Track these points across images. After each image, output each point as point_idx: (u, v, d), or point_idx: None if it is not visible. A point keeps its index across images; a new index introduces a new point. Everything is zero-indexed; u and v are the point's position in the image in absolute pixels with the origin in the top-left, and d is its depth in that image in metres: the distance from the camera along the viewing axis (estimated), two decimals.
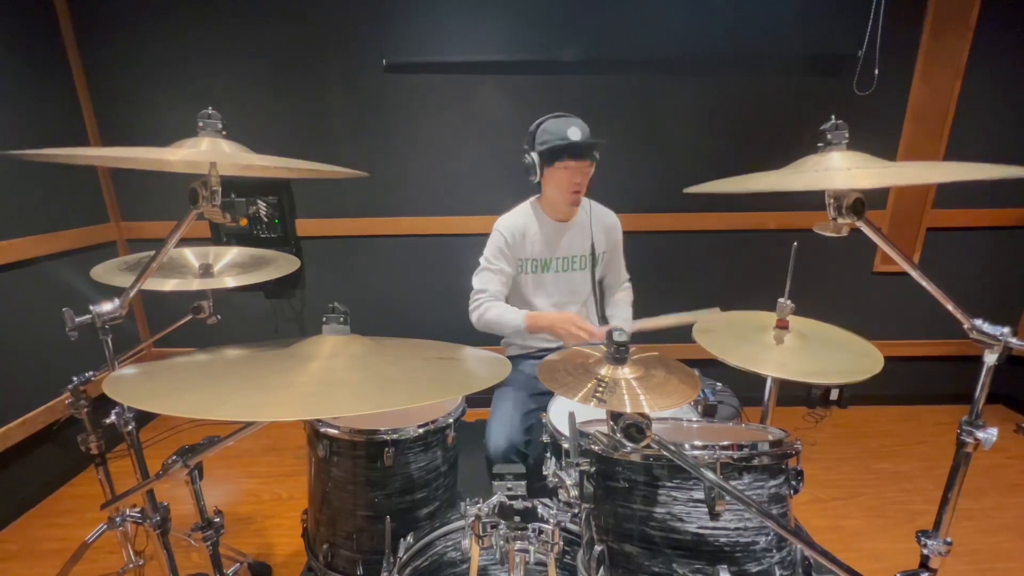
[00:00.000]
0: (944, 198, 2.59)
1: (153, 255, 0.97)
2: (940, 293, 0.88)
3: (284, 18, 2.39)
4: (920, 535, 0.96)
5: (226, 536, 1.05)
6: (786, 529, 0.82)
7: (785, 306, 1.24)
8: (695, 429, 1.26)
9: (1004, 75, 2.43)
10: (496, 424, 1.64)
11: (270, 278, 1.43)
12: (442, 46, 2.42)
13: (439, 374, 0.91)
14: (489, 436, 1.62)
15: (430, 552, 1.18)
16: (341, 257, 2.72)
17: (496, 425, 1.63)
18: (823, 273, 2.61)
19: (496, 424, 1.64)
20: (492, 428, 1.64)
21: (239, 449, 2.49)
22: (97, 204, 2.57)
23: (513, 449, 1.59)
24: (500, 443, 1.58)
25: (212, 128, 0.95)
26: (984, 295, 2.68)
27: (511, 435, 1.60)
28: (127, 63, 2.44)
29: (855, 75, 2.39)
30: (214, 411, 0.66)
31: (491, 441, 1.60)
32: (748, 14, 2.37)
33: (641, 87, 2.48)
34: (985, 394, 0.89)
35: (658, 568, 0.92)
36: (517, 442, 1.61)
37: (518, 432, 1.63)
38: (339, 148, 2.56)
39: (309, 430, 1.38)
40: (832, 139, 0.94)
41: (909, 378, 2.81)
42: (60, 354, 1.79)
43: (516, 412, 1.67)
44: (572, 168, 1.66)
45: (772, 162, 1.03)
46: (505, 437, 1.59)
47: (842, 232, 0.88)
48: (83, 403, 1.31)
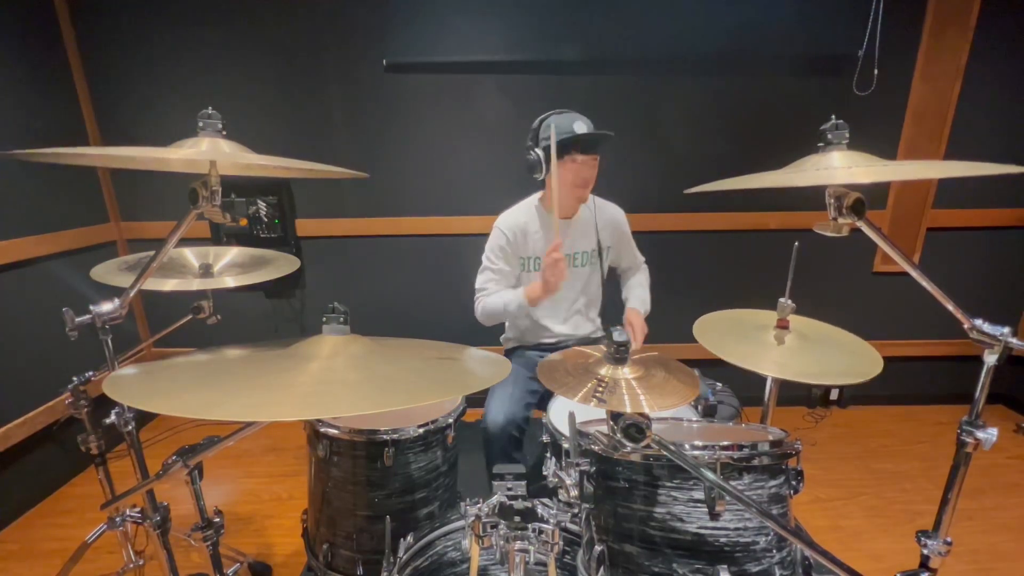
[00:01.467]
0: (944, 198, 2.59)
1: (153, 255, 0.97)
2: (940, 293, 0.88)
3: (284, 18, 2.39)
4: (920, 535, 0.95)
5: (226, 536, 1.05)
6: (786, 529, 0.82)
7: (786, 306, 1.24)
8: (695, 429, 1.26)
9: (1004, 75, 2.43)
10: (495, 400, 1.63)
11: (270, 278, 1.43)
12: (442, 46, 2.42)
13: (439, 374, 0.92)
14: (488, 411, 1.61)
15: (430, 552, 1.18)
16: (341, 257, 2.72)
17: (495, 401, 1.62)
18: (823, 273, 2.61)
19: (495, 400, 1.63)
20: (491, 404, 1.63)
21: (239, 449, 2.49)
22: (97, 204, 2.57)
23: (513, 424, 1.58)
24: (499, 419, 1.57)
25: (212, 128, 0.95)
26: (984, 295, 2.68)
27: (511, 410, 1.59)
28: (127, 63, 2.44)
29: (855, 75, 2.39)
30: (214, 411, 0.66)
31: (490, 416, 1.60)
32: (748, 14, 2.37)
33: (641, 87, 2.48)
34: (985, 394, 0.89)
35: (658, 568, 0.92)
36: (517, 418, 1.60)
37: (519, 407, 1.62)
38: (339, 148, 2.56)
39: (309, 430, 1.38)
40: (832, 139, 0.94)
41: (909, 378, 2.80)
42: (60, 354, 1.79)
43: (516, 389, 1.66)
44: (580, 163, 1.62)
45: (772, 162, 1.03)
46: (504, 412, 1.58)
47: (842, 232, 0.88)
48: (83, 403, 1.31)
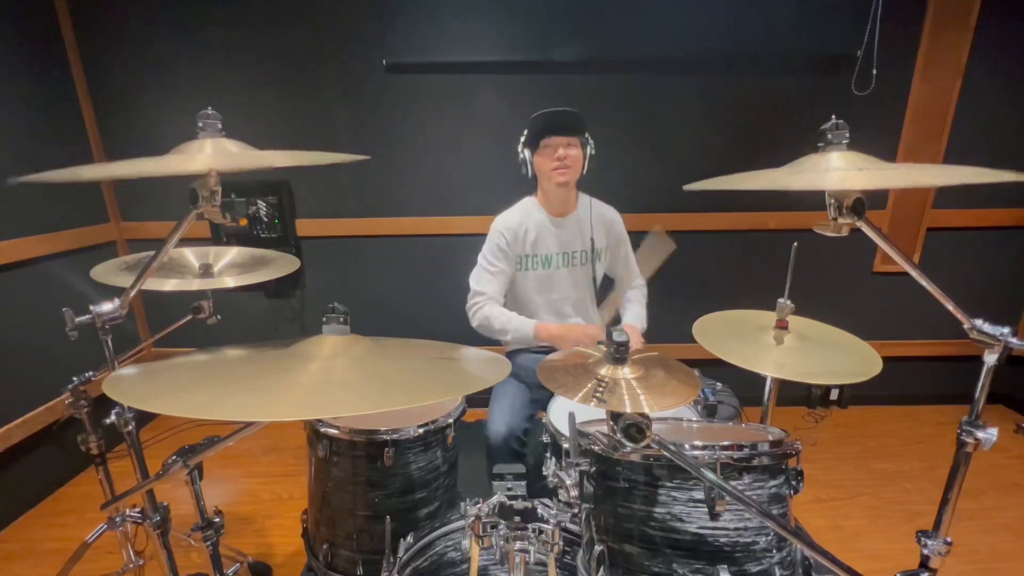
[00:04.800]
0: (944, 198, 2.59)
1: (153, 255, 0.97)
2: (940, 293, 0.88)
3: (284, 18, 2.39)
4: (920, 535, 0.95)
5: (226, 536, 1.05)
6: (786, 529, 0.82)
7: (785, 306, 1.24)
8: (695, 429, 1.26)
9: (1004, 75, 2.43)
10: (497, 411, 1.64)
11: (270, 278, 1.43)
12: (442, 46, 2.42)
13: (439, 374, 0.91)
14: (490, 423, 1.62)
15: (430, 552, 1.18)
16: (341, 257, 2.72)
17: (497, 412, 1.63)
18: (823, 273, 2.60)
19: (497, 411, 1.64)
20: (493, 415, 1.64)
21: (239, 449, 2.49)
22: (97, 204, 2.57)
23: (513, 436, 1.59)
24: (500, 429, 1.58)
25: (212, 128, 0.95)
26: (984, 295, 2.68)
27: (512, 422, 1.60)
28: (127, 63, 2.44)
29: (855, 75, 2.39)
30: (214, 411, 0.66)
31: (491, 428, 1.60)
32: (748, 14, 2.37)
33: (641, 87, 2.48)
34: (985, 394, 0.89)
35: (658, 568, 0.92)
36: (517, 430, 1.60)
37: (519, 419, 1.62)
38: (339, 148, 2.55)
39: (309, 430, 1.38)
40: (832, 139, 0.94)
41: (909, 378, 2.80)
42: (60, 354, 1.79)
43: (518, 400, 1.67)
44: (553, 144, 1.66)
45: (772, 162, 1.03)
46: (506, 424, 1.59)
47: (842, 232, 0.88)
48: (83, 403, 1.31)
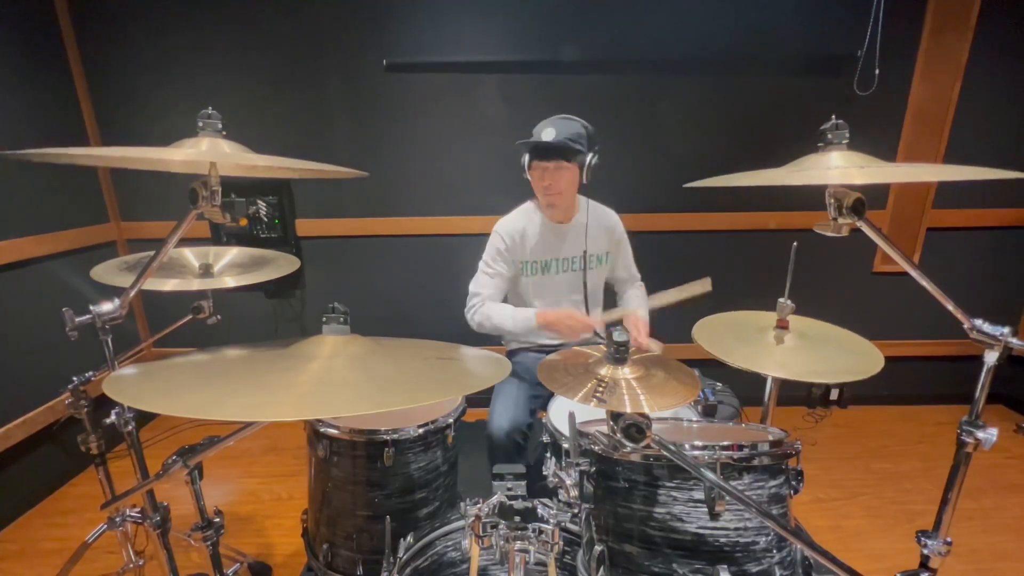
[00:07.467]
0: (944, 198, 2.59)
1: (153, 255, 0.97)
2: (940, 293, 0.88)
3: (284, 18, 2.39)
4: (920, 535, 0.96)
5: (226, 536, 1.05)
6: (786, 529, 0.82)
7: (785, 306, 1.24)
8: (695, 429, 1.27)
9: (1004, 75, 2.43)
10: (499, 406, 1.64)
11: (270, 278, 1.43)
12: (442, 46, 2.42)
13: (439, 374, 0.91)
14: (492, 418, 1.62)
15: (430, 552, 1.18)
16: (341, 257, 2.72)
17: (499, 407, 1.64)
18: (823, 273, 2.61)
19: (499, 406, 1.64)
20: (495, 410, 1.64)
21: (239, 449, 2.49)
22: (97, 204, 2.56)
23: (517, 431, 1.59)
24: (503, 424, 1.58)
25: (212, 128, 0.95)
26: (984, 295, 2.68)
27: (515, 417, 1.60)
28: (127, 63, 2.44)
29: (855, 75, 2.39)
30: (214, 411, 0.66)
31: (494, 422, 1.60)
32: (748, 14, 2.37)
33: (641, 87, 2.48)
34: (985, 394, 0.89)
35: (658, 568, 0.92)
36: (520, 425, 1.61)
37: (523, 413, 1.63)
38: (339, 148, 2.56)
39: (309, 430, 1.38)
40: (832, 139, 0.94)
41: (909, 378, 2.80)
42: (60, 354, 1.79)
43: (520, 395, 1.67)
44: (540, 169, 1.66)
45: (773, 162, 1.03)
46: (509, 418, 1.59)
47: (842, 232, 0.88)
48: (83, 403, 1.30)
